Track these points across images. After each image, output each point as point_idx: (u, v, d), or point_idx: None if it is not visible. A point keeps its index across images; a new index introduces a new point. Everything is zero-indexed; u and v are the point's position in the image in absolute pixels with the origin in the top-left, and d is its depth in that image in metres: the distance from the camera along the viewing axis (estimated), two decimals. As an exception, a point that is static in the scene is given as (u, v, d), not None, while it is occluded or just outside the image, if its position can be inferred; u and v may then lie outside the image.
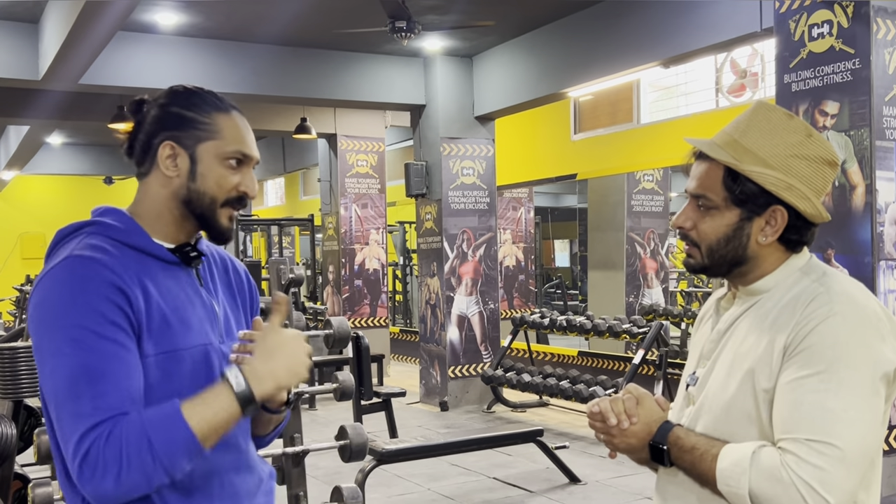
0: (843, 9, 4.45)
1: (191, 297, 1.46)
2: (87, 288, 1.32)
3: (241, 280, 1.62)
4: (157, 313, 1.37)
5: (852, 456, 1.27)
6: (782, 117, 1.42)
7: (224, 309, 1.53)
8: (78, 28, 5.45)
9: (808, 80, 4.63)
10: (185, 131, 1.44)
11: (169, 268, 1.44)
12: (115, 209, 1.47)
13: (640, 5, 6.33)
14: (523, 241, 11.01)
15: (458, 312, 8.16)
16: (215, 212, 1.46)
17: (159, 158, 1.44)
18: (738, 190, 1.40)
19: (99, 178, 16.05)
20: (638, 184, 9.61)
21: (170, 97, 1.47)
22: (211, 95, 1.48)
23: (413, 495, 5.22)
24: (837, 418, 1.27)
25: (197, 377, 1.40)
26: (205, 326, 1.45)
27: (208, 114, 1.45)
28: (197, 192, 1.44)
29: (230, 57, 7.46)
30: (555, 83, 7.27)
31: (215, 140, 1.44)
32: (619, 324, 7.10)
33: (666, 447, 1.41)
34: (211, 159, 1.44)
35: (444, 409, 8.03)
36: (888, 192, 4.42)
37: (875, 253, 4.36)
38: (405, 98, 8.23)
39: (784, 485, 1.25)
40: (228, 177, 1.46)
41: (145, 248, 1.42)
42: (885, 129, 4.40)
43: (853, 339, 1.31)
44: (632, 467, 5.89)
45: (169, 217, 1.46)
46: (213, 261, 1.58)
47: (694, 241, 1.45)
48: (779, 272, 1.43)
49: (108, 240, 1.40)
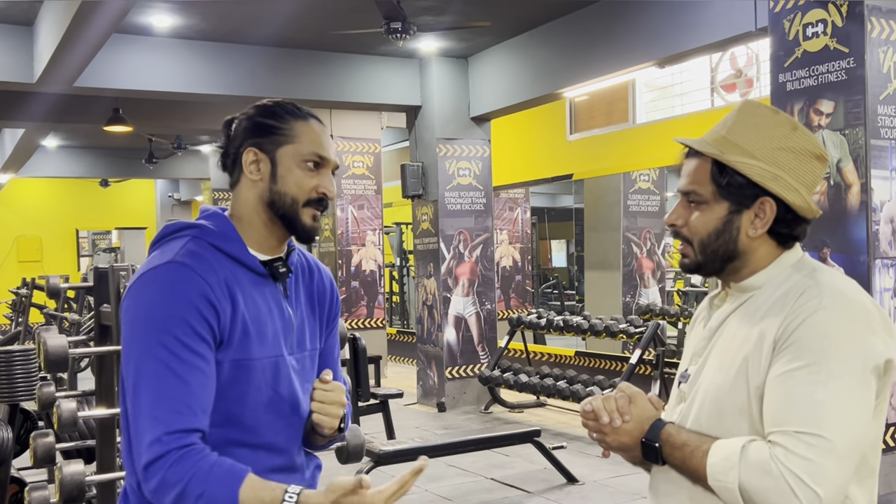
0: (838, 8, 4.46)
1: (272, 309, 1.54)
2: (180, 297, 1.42)
3: (325, 290, 1.69)
4: (241, 324, 1.47)
5: (842, 448, 1.26)
6: (768, 112, 1.45)
7: (301, 319, 1.61)
8: (73, 30, 5.44)
9: (802, 79, 4.64)
10: (266, 137, 1.54)
11: (258, 280, 1.54)
12: (218, 213, 1.57)
13: (635, 5, 6.34)
14: (520, 242, 11.02)
15: (455, 313, 8.16)
16: (298, 212, 1.54)
17: (244, 164, 1.54)
18: (724, 182, 1.41)
19: (95, 181, 16.03)
20: (634, 184, 9.61)
21: (254, 110, 1.57)
22: (291, 105, 1.57)
23: (411, 496, 5.22)
24: (826, 410, 1.27)
25: (263, 385, 1.50)
26: (279, 339, 1.54)
27: (286, 121, 1.55)
28: (279, 193, 1.53)
29: (226, 59, 7.46)
30: (550, 84, 7.27)
31: (293, 144, 1.53)
32: (616, 324, 7.11)
33: (658, 444, 1.41)
34: (290, 162, 1.53)
35: (442, 409, 8.02)
36: (883, 190, 4.43)
37: (870, 251, 4.36)
38: (401, 99, 8.23)
39: (773, 477, 1.25)
40: (307, 178, 1.54)
41: (241, 258, 1.52)
42: (879, 127, 4.41)
43: (842, 331, 1.31)
44: (629, 467, 5.87)
45: (258, 222, 1.55)
46: (301, 269, 1.66)
47: (686, 238, 1.47)
48: (770, 268, 1.44)
49: (207, 246, 1.50)
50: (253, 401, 1.49)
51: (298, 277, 1.64)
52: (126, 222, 17.69)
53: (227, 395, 1.47)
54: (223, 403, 1.46)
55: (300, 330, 1.60)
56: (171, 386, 1.38)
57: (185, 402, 1.39)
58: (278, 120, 1.54)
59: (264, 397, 1.51)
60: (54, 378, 4.53)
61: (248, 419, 1.49)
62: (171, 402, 1.38)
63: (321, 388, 1.55)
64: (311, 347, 1.64)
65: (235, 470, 1.38)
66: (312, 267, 1.69)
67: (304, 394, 1.59)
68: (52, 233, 17.20)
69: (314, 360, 1.65)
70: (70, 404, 3.03)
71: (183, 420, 1.38)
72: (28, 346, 4.21)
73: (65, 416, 2.97)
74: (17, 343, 8.69)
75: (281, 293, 1.57)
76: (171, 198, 17.34)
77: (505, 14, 6.92)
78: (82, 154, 14.34)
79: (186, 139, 12.26)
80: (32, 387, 4.10)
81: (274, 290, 1.56)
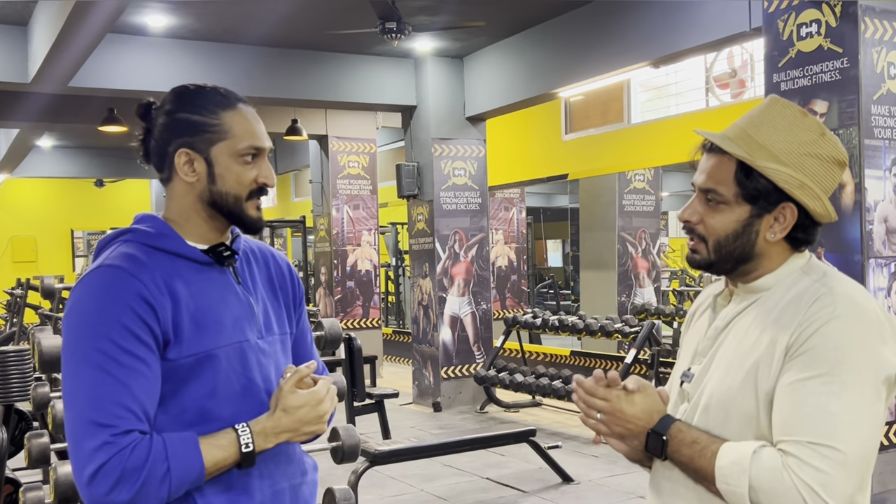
0: (831, 8, 4.47)
1: (225, 296, 1.50)
2: (114, 299, 1.37)
3: (284, 274, 1.65)
4: (187, 317, 1.42)
5: (854, 459, 1.26)
6: (797, 114, 1.40)
7: (264, 304, 1.57)
8: (67, 30, 5.43)
9: (796, 79, 4.65)
10: (197, 136, 1.47)
11: (202, 269, 1.49)
12: (152, 216, 1.53)
13: (630, 6, 6.35)
14: (515, 242, 11.02)
15: (451, 313, 8.16)
16: (241, 206, 1.51)
17: (177, 166, 1.48)
18: (751, 186, 1.38)
19: (90, 181, 16.00)
20: (629, 183, 9.63)
21: (175, 101, 1.50)
22: (215, 92, 1.51)
23: (406, 496, 5.22)
24: (840, 421, 1.26)
25: (232, 374, 1.47)
26: (241, 324, 1.49)
27: (216, 114, 1.48)
28: (219, 192, 1.49)
29: (220, 59, 7.45)
30: (546, 83, 7.28)
31: (227, 140, 1.48)
32: (611, 323, 7.12)
33: (665, 438, 1.37)
34: (226, 159, 1.48)
35: (437, 409, 8.03)
36: (877, 190, 4.44)
37: (864, 251, 4.38)
38: (396, 99, 8.23)
39: (786, 487, 1.24)
40: (246, 172, 1.50)
41: (178, 251, 1.47)
42: (873, 127, 4.42)
43: (856, 342, 1.30)
44: (624, 466, 5.93)
45: (198, 219, 1.51)
46: (253, 257, 1.62)
47: (701, 236, 1.43)
48: (780, 270, 1.42)
49: (141, 246, 1.46)
50: (225, 392, 1.45)
51: (252, 264, 1.60)
52: (121, 223, 17.28)
53: (197, 392, 1.42)
54: (194, 401, 1.42)
55: (265, 314, 1.56)
56: (111, 390, 1.33)
57: (126, 406, 1.34)
58: (207, 115, 1.48)
59: (237, 386, 1.46)
60: (49, 378, 4.52)
61: (225, 412, 1.44)
62: (111, 407, 1.33)
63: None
64: (281, 332, 1.59)
65: (185, 436, 1.38)
66: (266, 253, 1.66)
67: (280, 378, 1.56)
68: (46, 233, 17.16)
69: (286, 344, 1.61)
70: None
71: (125, 423, 1.33)
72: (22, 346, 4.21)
73: (60, 417, 2.97)
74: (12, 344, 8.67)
75: (232, 279, 1.53)
76: (166, 198, 17.29)
77: (500, 14, 6.93)
78: (77, 154, 14.32)
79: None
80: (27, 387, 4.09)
81: (223, 277, 1.52)
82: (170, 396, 1.41)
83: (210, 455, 1.37)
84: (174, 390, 1.41)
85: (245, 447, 1.40)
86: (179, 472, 1.34)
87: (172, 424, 1.41)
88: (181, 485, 1.35)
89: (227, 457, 1.40)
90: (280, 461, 1.53)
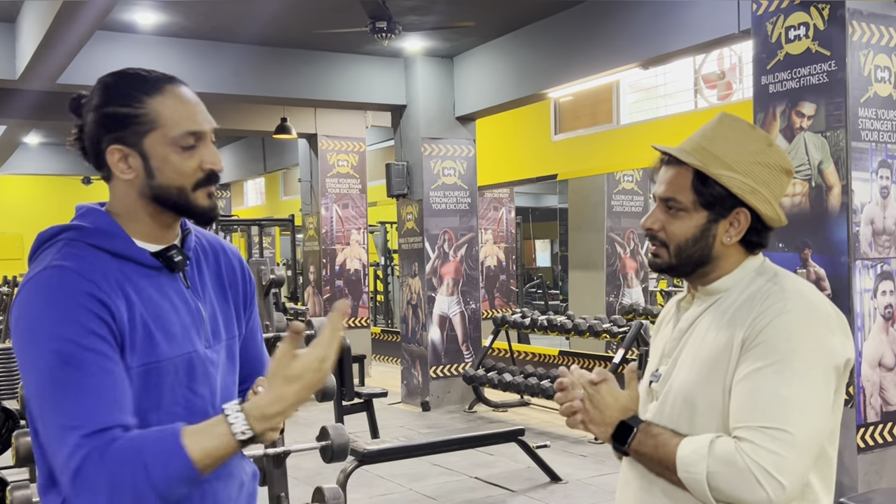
0: (820, 11, 4.50)
1: (175, 302, 1.40)
2: (67, 299, 1.28)
3: (234, 271, 1.55)
4: (140, 324, 1.33)
5: (803, 441, 1.35)
6: (745, 127, 1.53)
7: (212, 308, 1.47)
8: (56, 27, 5.41)
9: (785, 81, 4.68)
10: (126, 129, 1.35)
11: (151, 273, 1.39)
12: (95, 209, 1.41)
13: (620, 7, 6.37)
14: (504, 242, 11.04)
15: (440, 312, 8.17)
16: (188, 198, 1.39)
17: (111, 164, 1.37)
18: (707, 193, 1.49)
19: (77, 178, 15.92)
20: (618, 184, 9.66)
21: (101, 94, 1.37)
22: (137, 79, 1.37)
23: (395, 495, 5.23)
24: (790, 406, 1.35)
25: (178, 387, 1.38)
26: (189, 333, 1.40)
27: (142, 102, 1.35)
28: (160, 186, 1.37)
29: (210, 57, 7.43)
30: (535, 84, 7.30)
31: (158, 129, 1.35)
32: (600, 323, 7.14)
33: (635, 430, 1.48)
34: (161, 150, 1.36)
35: (426, 409, 8.03)
36: (864, 192, 4.47)
37: (851, 253, 4.41)
38: (386, 98, 8.23)
39: (740, 469, 1.33)
40: (186, 161, 1.37)
41: (127, 253, 1.37)
42: (860, 130, 4.46)
43: (805, 333, 1.40)
44: (612, 466, 5.95)
45: (144, 215, 1.40)
46: (203, 254, 1.51)
47: (663, 242, 1.53)
48: (736, 273, 1.52)
49: (86, 247, 1.35)
50: (168, 404, 1.36)
51: (201, 262, 1.49)
52: (108, 220, 17.57)
53: (141, 402, 1.32)
54: (138, 413, 1.31)
55: (213, 320, 1.46)
56: (75, 390, 1.24)
57: (95, 403, 1.25)
58: (132, 105, 1.35)
59: (180, 398, 1.38)
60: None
61: (166, 424, 1.31)
62: (78, 408, 1.24)
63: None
64: (229, 336, 1.50)
65: (165, 428, 1.27)
66: (216, 248, 1.54)
67: (227, 388, 1.48)
68: (33, 230, 16.70)
69: (233, 350, 1.51)
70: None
71: (97, 420, 1.24)
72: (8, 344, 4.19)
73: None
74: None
75: (182, 283, 1.42)
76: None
77: (490, 14, 6.94)
78: (65, 151, 14.24)
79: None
80: (14, 385, 4.08)
81: (172, 281, 1.41)
82: None
83: (197, 446, 1.24)
84: None
85: (242, 433, 1.25)
86: (159, 467, 1.22)
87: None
88: (166, 480, 1.23)
89: (221, 444, 1.25)
90: (221, 476, 1.43)
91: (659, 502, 1.48)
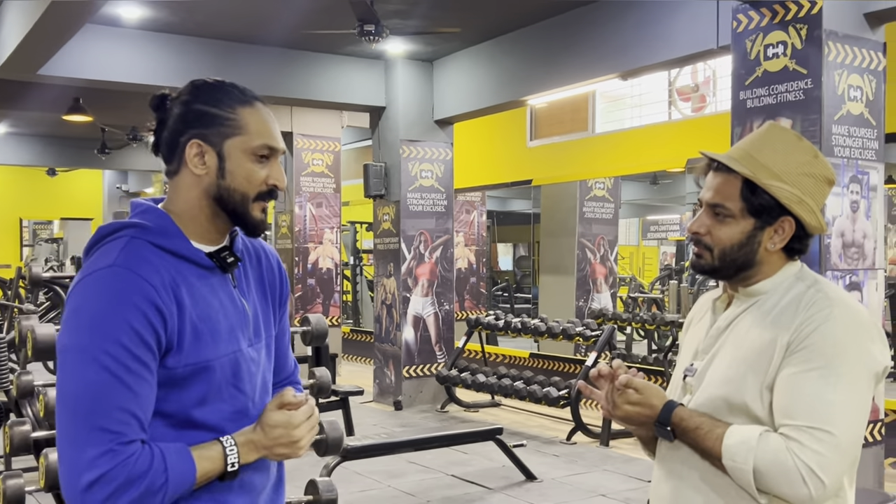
0: (798, 31, 4.69)
1: (224, 302, 1.47)
2: (125, 302, 1.33)
3: (273, 272, 1.63)
4: (189, 325, 1.40)
5: (846, 443, 1.44)
6: (793, 138, 1.60)
7: (255, 307, 1.55)
8: (44, 22, 5.38)
9: (762, 97, 4.87)
10: (211, 128, 1.44)
11: (205, 274, 1.46)
12: (154, 208, 1.48)
13: (601, 18, 6.52)
14: (475, 244, 11.17)
15: (414, 313, 8.26)
16: (248, 207, 1.47)
17: (187, 157, 1.44)
18: (756, 201, 1.55)
19: (42, 170, 15.70)
20: (590, 191, 9.84)
21: (192, 93, 1.46)
22: (233, 88, 1.47)
23: (374, 492, 5.30)
24: (835, 409, 1.44)
25: (225, 385, 1.46)
26: (235, 332, 1.48)
27: (232, 108, 1.45)
28: (227, 189, 1.45)
29: (192, 52, 7.44)
30: (514, 91, 7.42)
31: (241, 136, 1.44)
32: (573, 327, 7.29)
33: (670, 428, 1.54)
34: (239, 155, 1.45)
35: (398, 408, 8.11)
36: (835, 206, 4.67)
37: (822, 263, 4.61)
38: (365, 99, 8.30)
39: (787, 466, 1.42)
40: (257, 171, 1.46)
41: (185, 254, 1.43)
42: (833, 146, 4.65)
43: (850, 339, 1.49)
44: (584, 466, 6.10)
45: (202, 216, 1.47)
46: (247, 255, 1.58)
47: (707, 246, 1.59)
48: (776, 276, 1.59)
49: (148, 245, 1.41)
50: (214, 401, 1.44)
51: (245, 263, 1.57)
52: (72, 213, 17.34)
53: (186, 400, 1.41)
54: (182, 409, 1.41)
55: (255, 319, 1.54)
56: (119, 396, 1.31)
57: (133, 413, 1.32)
58: (223, 108, 1.44)
59: (226, 396, 1.45)
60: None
61: (211, 421, 1.44)
62: (119, 413, 1.30)
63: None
64: (268, 335, 1.58)
65: (179, 447, 1.38)
66: (258, 250, 1.62)
67: (265, 384, 1.57)
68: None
69: (270, 348, 1.60)
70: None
71: (132, 431, 1.32)
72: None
73: (52, 404, 2.99)
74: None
75: (230, 283, 1.50)
76: (120, 189, 17.06)
77: (471, 20, 7.04)
78: (31, 142, 14.05)
79: (142, 130, 12.12)
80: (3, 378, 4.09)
81: (223, 282, 1.49)
82: (158, 402, 1.39)
83: (200, 467, 1.38)
84: (164, 396, 1.39)
85: (231, 465, 1.41)
86: (175, 484, 1.34)
87: (156, 431, 1.39)
88: (174, 495, 1.35)
89: (214, 469, 1.40)
90: (259, 468, 1.52)
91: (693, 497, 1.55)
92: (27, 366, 4.53)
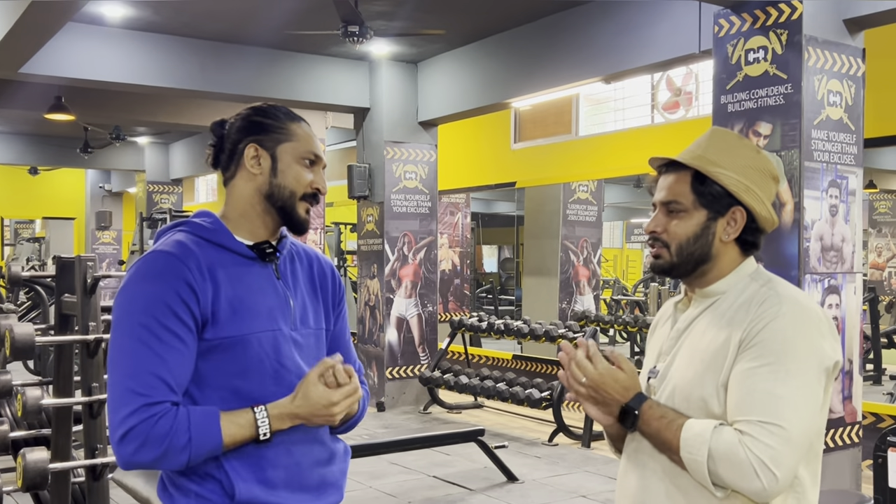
0: (778, 37, 4.74)
1: (263, 287, 1.66)
2: (162, 281, 1.55)
3: (325, 276, 1.81)
4: (225, 302, 1.59)
5: (796, 436, 1.47)
6: (735, 137, 1.68)
7: (302, 300, 1.73)
8: (25, 20, 5.36)
9: (743, 101, 4.91)
10: (266, 135, 1.68)
11: (245, 262, 1.66)
12: (208, 212, 1.72)
13: (584, 22, 6.56)
14: (459, 246, 11.18)
15: (398, 314, 8.26)
16: (294, 204, 1.68)
17: (245, 159, 1.67)
18: (706, 191, 1.61)
19: (24, 169, 15.59)
20: (573, 194, 9.88)
21: (251, 110, 1.72)
22: (285, 108, 1.73)
23: (356, 493, 5.30)
24: (785, 403, 1.48)
25: (265, 357, 1.62)
26: (274, 314, 1.65)
27: (283, 121, 1.70)
28: (278, 186, 1.67)
29: (176, 52, 7.42)
30: (498, 93, 7.45)
31: (292, 142, 1.69)
32: (556, 328, 7.31)
33: (637, 412, 1.56)
34: (289, 158, 1.68)
35: (381, 409, 8.11)
36: (815, 209, 4.72)
37: (801, 267, 4.65)
38: (350, 100, 8.30)
39: (739, 459, 1.45)
40: (304, 174, 1.69)
41: (226, 244, 1.65)
42: (813, 150, 4.70)
43: (799, 335, 1.52)
44: (566, 467, 6.13)
45: (253, 213, 1.68)
46: (298, 258, 1.78)
47: (664, 242, 1.64)
48: (732, 276, 1.64)
49: (192, 237, 1.64)
50: (256, 373, 1.60)
51: (295, 263, 1.76)
52: (54, 212, 17.23)
53: (227, 370, 1.59)
54: (227, 379, 1.59)
55: (302, 308, 1.71)
56: (149, 362, 1.51)
57: (162, 377, 1.51)
58: (276, 120, 1.69)
59: (268, 369, 1.61)
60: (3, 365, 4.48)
61: (256, 392, 1.60)
62: (147, 377, 1.50)
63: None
64: (317, 327, 1.75)
65: (208, 410, 1.54)
66: (311, 256, 1.82)
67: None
68: (-26, 220, 16.62)
69: (321, 339, 1.76)
70: (35, 392, 3.04)
71: (159, 393, 1.51)
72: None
73: (30, 404, 2.98)
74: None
75: (273, 274, 1.69)
76: (102, 188, 16.96)
77: (456, 22, 7.06)
78: (12, 140, 13.95)
79: (125, 130, 12.07)
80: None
81: (265, 271, 1.68)
82: (205, 373, 1.58)
83: (228, 430, 1.54)
84: (209, 368, 1.58)
85: (262, 435, 1.56)
86: (199, 443, 1.51)
87: (208, 399, 1.58)
88: (200, 454, 1.52)
89: (243, 434, 1.56)
90: (308, 441, 1.66)
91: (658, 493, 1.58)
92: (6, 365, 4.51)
